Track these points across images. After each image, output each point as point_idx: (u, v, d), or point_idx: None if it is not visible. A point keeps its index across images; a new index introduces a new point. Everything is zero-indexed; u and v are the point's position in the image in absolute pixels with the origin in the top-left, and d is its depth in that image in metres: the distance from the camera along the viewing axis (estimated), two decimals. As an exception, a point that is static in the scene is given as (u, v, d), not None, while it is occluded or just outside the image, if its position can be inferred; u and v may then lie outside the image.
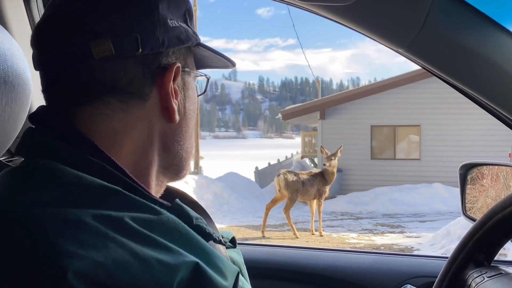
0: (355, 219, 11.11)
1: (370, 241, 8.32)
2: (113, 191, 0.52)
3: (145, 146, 0.62)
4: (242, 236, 8.63)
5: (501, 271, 0.88)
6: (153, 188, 0.64)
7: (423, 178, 13.49)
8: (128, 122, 0.61)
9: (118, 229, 0.48)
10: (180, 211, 0.58)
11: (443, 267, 0.96)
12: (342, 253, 1.57)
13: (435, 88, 13.96)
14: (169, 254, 0.48)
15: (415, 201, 12.36)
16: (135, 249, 0.47)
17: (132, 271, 0.45)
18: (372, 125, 14.20)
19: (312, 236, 8.68)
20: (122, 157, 0.60)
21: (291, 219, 8.62)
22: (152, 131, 0.63)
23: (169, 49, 0.62)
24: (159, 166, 0.65)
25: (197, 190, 11.90)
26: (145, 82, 0.61)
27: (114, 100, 0.59)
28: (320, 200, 8.82)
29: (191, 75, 0.69)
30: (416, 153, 14.08)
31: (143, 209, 0.52)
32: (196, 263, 0.49)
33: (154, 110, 0.62)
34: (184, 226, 0.54)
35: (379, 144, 14.37)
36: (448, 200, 12.29)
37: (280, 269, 1.49)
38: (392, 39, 0.81)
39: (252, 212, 11.83)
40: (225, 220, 10.64)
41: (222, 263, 0.53)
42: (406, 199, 12.49)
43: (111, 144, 0.59)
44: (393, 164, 14.04)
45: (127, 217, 0.50)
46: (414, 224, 10.42)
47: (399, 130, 14.15)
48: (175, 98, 0.63)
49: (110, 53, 0.58)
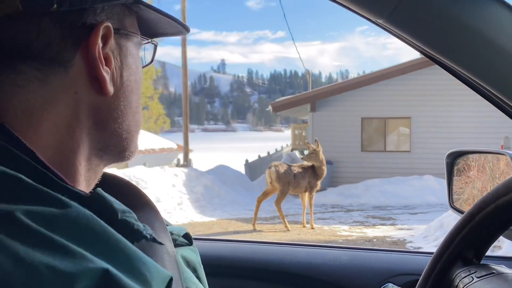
0: (346, 212, 11.10)
1: (361, 233, 8.29)
2: (9, 178, 0.42)
3: (71, 124, 0.52)
4: (233, 229, 8.56)
5: (492, 270, 0.77)
6: (83, 174, 0.54)
7: (414, 170, 13.54)
8: (47, 95, 0.50)
9: (2, 226, 0.38)
10: (102, 203, 0.48)
11: (427, 265, 0.84)
12: (317, 249, 1.43)
13: (426, 80, 13.99)
14: (68, 259, 0.38)
15: (406, 193, 12.39)
16: (20, 253, 0.37)
17: (12, 282, 0.35)
18: (363, 117, 14.20)
19: (303, 229, 8.63)
20: (41, 137, 0.50)
21: (282, 211, 8.56)
22: (79, 105, 0.52)
23: (96, 5, 0.51)
24: (91, 148, 0.55)
25: (187, 183, 11.79)
26: (65, 45, 0.50)
27: (28, 68, 0.49)
28: (311, 193, 8.78)
29: (131, 40, 0.58)
30: (406, 145, 14.12)
31: (45, 201, 0.42)
32: (104, 270, 0.39)
33: (80, 80, 0.52)
34: (100, 222, 0.43)
35: (370, 136, 14.39)
36: (439, 192, 12.33)
37: (248, 267, 1.35)
38: (372, 9, 0.75)
39: (242, 205, 11.76)
40: (216, 213, 10.56)
41: (147, 268, 0.43)
42: (397, 191, 12.51)
43: (26, 121, 0.49)
44: (384, 156, 14.07)
45: (20, 211, 0.39)
46: (405, 216, 10.44)
47: (389, 122, 14.17)
48: (107, 65, 0.53)
49: (17, 9, 0.47)
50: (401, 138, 14.37)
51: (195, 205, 10.92)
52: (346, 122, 14.24)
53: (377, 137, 14.34)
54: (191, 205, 10.81)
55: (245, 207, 11.53)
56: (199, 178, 12.26)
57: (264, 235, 7.95)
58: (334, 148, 13.94)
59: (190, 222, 9.53)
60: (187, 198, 11.03)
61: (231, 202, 11.86)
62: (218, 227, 8.82)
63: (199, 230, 8.53)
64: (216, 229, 8.63)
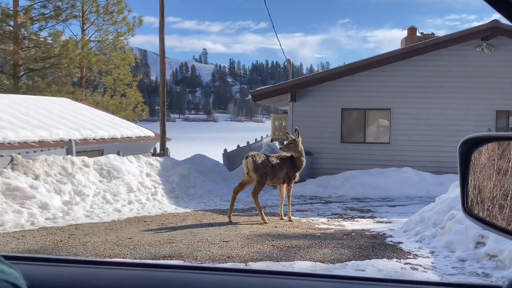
0: (325, 203, 10.90)
1: (340, 226, 8.06)
2: None
3: None
4: (207, 222, 8.22)
5: None
6: None
7: (393, 162, 13.44)
8: None
9: None
10: None
11: None
12: (272, 277, 0.92)
13: (407, 71, 13.80)
14: None
15: (384, 185, 12.25)
16: None
17: None
18: (343, 108, 14.03)
19: (281, 221, 8.38)
20: None
21: (259, 203, 8.25)
22: None
23: None
24: None
25: (162, 172, 11.37)
26: None
27: None
28: (290, 184, 8.52)
29: None
30: (386, 137, 13.98)
31: None
32: None
33: None
34: None
35: (350, 127, 14.24)
36: (417, 184, 12.22)
37: None
38: None
39: (219, 195, 11.48)
40: (191, 204, 10.20)
41: None
42: (376, 183, 12.38)
43: None
44: (363, 148, 13.92)
45: None
46: (384, 208, 10.29)
47: (369, 114, 14.02)
48: None
49: None
50: (380, 130, 14.24)
51: (170, 195, 10.53)
52: (326, 112, 14.04)
53: (356, 128, 14.18)
54: (166, 196, 10.41)
55: (222, 197, 11.24)
56: (174, 167, 11.87)
57: (240, 228, 7.62)
58: (314, 139, 13.75)
59: (163, 213, 9.13)
60: (162, 188, 10.63)
61: (208, 192, 11.53)
62: (192, 219, 8.46)
63: (171, 222, 8.16)
64: (190, 221, 8.27)
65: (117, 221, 8.22)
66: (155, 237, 6.81)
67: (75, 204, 8.69)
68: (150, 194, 10.22)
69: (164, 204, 9.97)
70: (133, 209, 9.23)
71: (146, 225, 7.90)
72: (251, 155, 8.18)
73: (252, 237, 6.89)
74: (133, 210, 9.18)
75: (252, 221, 8.34)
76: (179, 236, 6.89)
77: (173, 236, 6.89)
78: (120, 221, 8.19)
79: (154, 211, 9.29)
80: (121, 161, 10.80)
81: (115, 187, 9.80)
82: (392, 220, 8.52)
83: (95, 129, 15.67)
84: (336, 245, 6.36)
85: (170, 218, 8.55)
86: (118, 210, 9.00)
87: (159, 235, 7.02)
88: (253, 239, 6.71)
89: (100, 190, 9.52)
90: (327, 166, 13.86)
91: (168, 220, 8.34)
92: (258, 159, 8.12)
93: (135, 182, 10.25)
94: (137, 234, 7.08)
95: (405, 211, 9.57)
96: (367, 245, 6.42)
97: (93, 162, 10.31)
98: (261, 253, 5.95)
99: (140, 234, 7.05)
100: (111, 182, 9.93)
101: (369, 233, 7.29)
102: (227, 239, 6.73)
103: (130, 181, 10.17)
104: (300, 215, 9.18)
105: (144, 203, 9.69)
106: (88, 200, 9.04)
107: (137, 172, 10.80)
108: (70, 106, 18.57)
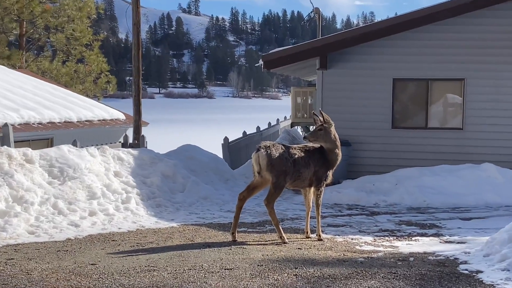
0: (369, 215, 11.00)
1: (391, 248, 8.12)
2: None
3: None
4: (202, 241, 8.30)
5: None
6: None
7: (468, 156, 13.46)
8: None
9: None
10: None
11: None
12: None
13: (490, 25, 13.67)
14: None
15: (455, 189, 12.28)
16: None
17: None
18: (395, 78, 14.05)
19: (307, 241, 8.45)
20: None
21: (276, 215, 8.30)
22: None
23: None
24: None
25: (136, 170, 11.47)
26: None
27: None
28: (319, 188, 8.58)
29: None
30: (457, 120, 14.00)
31: None
32: None
33: None
34: None
35: (405, 106, 14.31)
36: (503, 188, 12.23)
37: None
38: None
39: (218, 203, 11.60)
40: (179, 216, 10.33)
41: None
42: (443, 186, 12.40)
43: None
44: (425, 136, 13.97)
45: None
46: (455, 222, 10.34)
47: (434, 86, 14.04)
48: None
49: None
50: (449, 110, 14.23)
51: (148, 203, 10.65)
52: (371, 84, 14.10)
53: (415, 107, 14.23)
54: (142, 204, 10.54)
55: (222, 207, 11.36)
56: (154, 163, 11.96)
57: (249, 250, 7.68)
58: (353, 123, 13.81)
59: (139, 228, 9.23)
60: (137, 193, 10.76)
61: (202, 199, 11.66)
62: (180, 237, 8.55)
63: (151, 242, 8.24)
64: (177, 240, 8.36)
65: (74, 239, 8.31)
66: (129, 263, 6.87)
67: (14, 216, 8.77)
68: (120, 201, 10.31)
69: (140, 215, 10.07)
70: (97, 223, 9.33)
71: (115, 245, 7.97)
72: (264, 147, 8.23)
73: (266, 263, 6.94)
74: (97, 225, 9.27)
75: (265, 240, 8.42)
76: (163, 262, 6.95)
77: (154, 262, 6.95)
78: (78, 240, 8.27)
79: (126, 225, 9.38)
80: (78, 155, 10.88)
81: (71, 192, 9.88)
82: (467, 240, 8.55)
83: (41, 109, 15.81)
84: (387, 275, 6.39)
85: (149, 236, 8.63)
86: (75, 224, 9.09)
87: (134, 259, 7.09)
88: (267, 266, 6.76)
89: (50, 195, 9.60)
90: (372, 161, 13.96)
91: (146, 239, 8.42)
92: (274, 152, 8.15)
93: (99, 185, 10.34)
94: (102, 258, 7.15)
95: (486, 227, 9.56)
96: (431, 275, 6.44)
97: (39, 157, 10.40)
98: (279, 286, 5.98)
99: (107, 259, 7.11)
100: (65, 184, 10.01)
101: (434, 258, 7.34)
102: (231, 266, 6.78)
103: (91, 183, 10.26)
104: (334, 231, 9.24)
105: (112, 215, 9.78)
106: (33, 210, 9.12)
107: (102, 170, 10.88)
108: (4, 77, 18.72)
